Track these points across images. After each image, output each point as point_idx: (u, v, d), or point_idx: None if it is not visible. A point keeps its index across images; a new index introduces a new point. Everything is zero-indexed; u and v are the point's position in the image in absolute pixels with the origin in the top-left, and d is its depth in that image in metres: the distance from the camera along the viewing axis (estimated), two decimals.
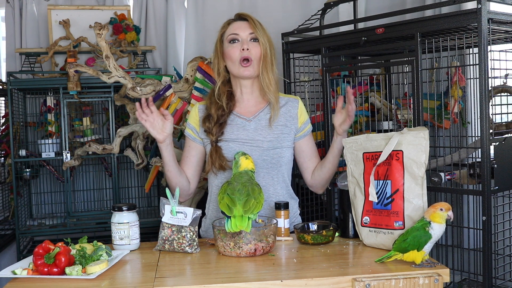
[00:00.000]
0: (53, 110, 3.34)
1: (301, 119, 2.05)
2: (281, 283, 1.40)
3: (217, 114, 1.97)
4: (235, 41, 1.96)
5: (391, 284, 1.40)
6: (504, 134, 2.22)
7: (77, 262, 1.53)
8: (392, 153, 1.68)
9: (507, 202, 2.24)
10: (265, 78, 1.96)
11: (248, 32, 1.95)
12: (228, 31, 1.99)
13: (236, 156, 1.80)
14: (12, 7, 3.52)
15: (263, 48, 1.95)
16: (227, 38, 1.97)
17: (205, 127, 1.98)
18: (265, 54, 1.95)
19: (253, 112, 2.02)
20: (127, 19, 3.51)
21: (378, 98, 2.67)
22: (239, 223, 1.59)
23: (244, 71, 1.95)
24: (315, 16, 2.78)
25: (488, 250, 1.92)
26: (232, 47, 1.95)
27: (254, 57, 1.95)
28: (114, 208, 1.77)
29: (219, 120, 1.97)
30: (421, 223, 1.51)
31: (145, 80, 2.62)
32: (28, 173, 3.35)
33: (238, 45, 1.95)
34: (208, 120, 1.98)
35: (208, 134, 1.98)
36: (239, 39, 1.95)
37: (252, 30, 1.95)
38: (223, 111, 1.98)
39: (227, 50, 1.97)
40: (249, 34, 1.95)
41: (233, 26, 1.98)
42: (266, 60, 1.96)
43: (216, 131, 1.96)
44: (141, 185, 3.60)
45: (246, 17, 1.98)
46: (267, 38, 1.97)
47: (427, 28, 2.06)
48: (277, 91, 2.01)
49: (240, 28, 1.96)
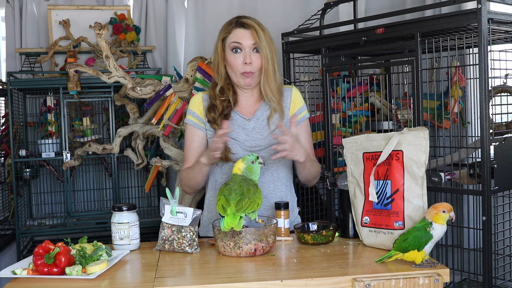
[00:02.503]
0: (53, 110, 3.34)
1: (294, 107, 2.02)
2: (281, 283, 1.40)
3: (222, 106, 1.96)
4: (238, 50, 1.93)
5: (391, 284, 1.40)
6: (504, 134, 2.22)
7: (77, 262, 1.53)
8: (392, 153, 1.68)
9: (507, 202, 2.24)
10: (266, 89, 1.94)
11: (251, 42, 1.92)
12: (230, 37, 1.94)
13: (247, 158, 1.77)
14: (12, 7, 3.52)
15: (265, 60, 1.92)
16: (229, 45, 1.94)
17: (210, 117, 1.97)
18: (267, 67, 1.93)
19: (251, 112, 2.01)
20: (127, 19, 3.51)
21: (378, 98, 2.67)
22: (230, 221, 1.60)
23: (245, 80, 1.95)
24: (315, 16, 2.78)
25: (488, 250, 1.92)
26: (234, 57, 1.93)
27: (255, 69, 1.93)
28: (114, 208, 1.77)
29: (224, 111, 1.96)
30: (423, 224, 1.51)
31: (145, 80, 2.62)
32: (28, 173, 3.36)
33: (240, 56, 1.92)
34: (213, 111, 1.97)
35: (212, 124, 1.97)
36: (241, 48, 1.92)
37: (255, 40, 1.92)
38: (228, 103, 1.97)
39: (229, 58, 1.95)
40: (252, 45, 1.92)
41: (236, 34, 1.94)
42: (268, 72, 1.94)
43: (222, 122, 1.93)
44: (141, 185, 3.61)
45: (249, 27, 1.93)
46: (270, 47, 1.93)
47: (427, 28, 2.06)
48: (280, 99, 1.98)
49: (244, 37, 1.93)
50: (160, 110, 2.66)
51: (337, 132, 2.54)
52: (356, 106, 2.64)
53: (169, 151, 2.73)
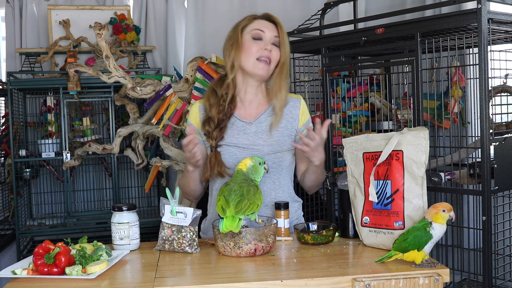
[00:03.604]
0: (53, 110, 3.35)
1: (302, 120, 2.00)
2: (281, 283, 1.40)
3: (218, 118, 1.91)
4: (259, 39, 1.90)
5: (391, 284, 1.40)
6: (504, 134, 2.22)
7: (77, 262, 1.53)
8: (392, 153, 1.68)
9: (507, 202, 2.24)
10: (276, 84, 1.93)
11: (273, 34, 1.91)
12: (252, 25, 1.92)
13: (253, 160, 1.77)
14: (12, 7, 3.52)
15: (285, 55, 1.91)
16: (251, 32, 1.91)
17: (205, 130, 1.93)
18: (284, 62, 1.92)
19: (254, 115, 1.96)
20: (127, 19, 3.51)
21: (378, 98, 2.68)
22: (229, 224, 1.59)
23: (260, 69, 1.90)
24: (315, 16, 2.78)
25: (488, 250, 1.92)
26: (254, 43, 1.89)
27: (272, 60, 1.91)
28: (114, 208, 1.77)
29: (220, 124, 1.91)
30: (422, 223, 1.51)
31: (145, 80, 2.62)
32: (28, 173, 3.36)
33: (261, 43, 1.89)
34: (208, 124, 1.93)
35: (208, 138, 1.93)
36: (263, 37, 1.90)
37: (278, 34, 1.91)
38: (224, 115, 1.92)
39: (247, 44, 1.90)
40: (274, 37, 1.91)
41: (259, 23, 1.92)
42: (283, 68, 1.92)
43: (217, 135, 1.90)
44: (141, 185, 3.61)
45: (275, 20, 1.93)
46: (288, 46, 1.93)
47: (427, 28, 2.06)
48: (284, 99, 1.96)
49: (267, 27, 1.91)
50: (160, 110, 2.66)
51: (337, 132, 2.54)
52: (356, 106, 2.64)
53: (169, 151, 2.73)
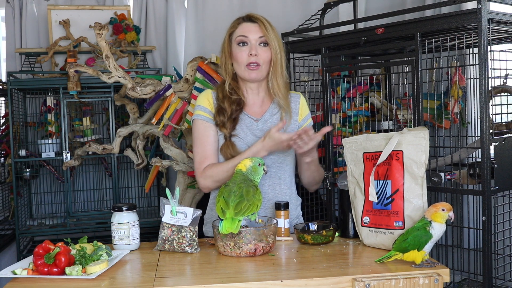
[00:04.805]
0: (53, 110, 3.35)
1: (302, 114, 2.03)
2: (281, 283, 1.40)
3: (231, 109, 1.93)
4: (244, 44, 1.91)
5: (391, 284, 1.40)
6: (504, 134, 2.22)
7: (77, 262, 1.53)
8: (392, 153, 1.68)
9: (507, 202, 2.24)
10: (274, 83, 1.93)
11: (257, 35, 1.91)
12: (237, 31, 1.94)
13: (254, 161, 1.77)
14: (12, 7, 3.52)
15: (274, 52, 1.91)
16: (236, 39, 1.93)
17: (219, 120, 1.93)
18: (275, 59, 1.92)
19: (259, 113, 1.99)
20: (127, 19, 3.51)
21: (378, 98, 2.67)
22: (228, 226, 1.59)
23: (250, 74, 1.92)
24: (315, 16, 2.78)
25: (488, 250, 1.92)
26: (240, 50, 1.91)
27: (262, 62, 1.91)
28: (114, 208, 1.77)
29: (233, 115, 1.94)
30: (422, 223, 1.51)
31: (145, 80, 2.62)
32: (28, 173, 3.36)
33: (246, 48, 1.91)
34: (222, 114, 1.94)
35: (221, 128, 1.94)
36: (247, 42, 1.91)
37: (262, 33, 1.91)
38: (237, 106, 1.94)
39: (235, 52, 1.93)
40: (259, 38, 1.91)
41: (242, 28, 1.93)
42: (276, 65, 1.92)
43: (230, 126, 1.92)
44: (141, 185, 3.61)
45: (256, 19, 1.93)
46: (278, 41, 1.93)
47: (427, 28, 2.06)
48: (287, 95, 1.97)
49: (250, 31, 1.92)
50: (160, 110, 2.66)
51: (337, 132, 2.54)
52: (356, 106, 2.64)
53: (169, 151, 2.72)
